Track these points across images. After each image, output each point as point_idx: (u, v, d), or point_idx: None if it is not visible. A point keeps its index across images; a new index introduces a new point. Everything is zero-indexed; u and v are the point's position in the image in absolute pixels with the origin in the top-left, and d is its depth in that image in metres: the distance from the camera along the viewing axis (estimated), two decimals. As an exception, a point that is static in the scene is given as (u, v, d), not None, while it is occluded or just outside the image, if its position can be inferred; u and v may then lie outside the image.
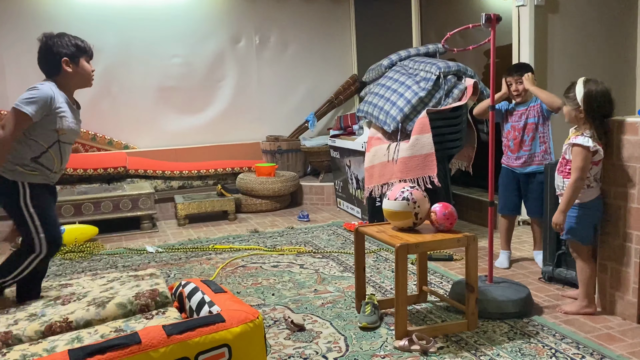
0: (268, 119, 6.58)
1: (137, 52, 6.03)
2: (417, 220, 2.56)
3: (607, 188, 2.65)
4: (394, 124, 4.10)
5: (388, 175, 4.07)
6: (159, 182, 5.53)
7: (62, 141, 2.56)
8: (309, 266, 3.66)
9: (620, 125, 2.57)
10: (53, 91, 2.49)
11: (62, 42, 2.58)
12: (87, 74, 2.64)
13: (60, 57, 2.57)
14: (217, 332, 1.72)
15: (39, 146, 2.48)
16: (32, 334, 1.87)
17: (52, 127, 2.49)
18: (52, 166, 2.55)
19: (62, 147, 2.57)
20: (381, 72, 4.64)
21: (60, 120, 2.50)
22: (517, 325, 2.58)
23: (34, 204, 2.48)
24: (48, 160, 2.52)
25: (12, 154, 2.45)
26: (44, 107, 2.44)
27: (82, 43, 2.62)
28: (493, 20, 2.74)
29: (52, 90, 2.49)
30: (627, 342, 2.40)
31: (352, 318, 2.74)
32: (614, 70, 4.44)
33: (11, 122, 2.40)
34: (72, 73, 2.59)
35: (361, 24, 6.74)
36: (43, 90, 2.46)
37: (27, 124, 2.43)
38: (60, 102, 2.51)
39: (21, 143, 2.48)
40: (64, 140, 2.57)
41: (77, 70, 2.61)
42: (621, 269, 2.61)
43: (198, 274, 3.59)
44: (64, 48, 2.57)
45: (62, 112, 2.52)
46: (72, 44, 2.58)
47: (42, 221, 2.48)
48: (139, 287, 2.23)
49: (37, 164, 2.50)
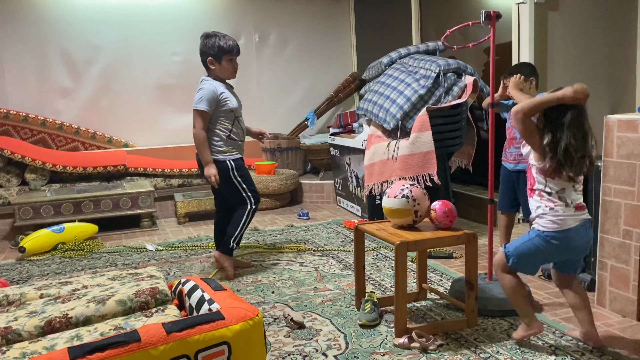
0: (268, 117, 6.58)
1: (137, 50, 6.02)
2: (416, 218, 2.56)
3: (607, 185, 2.65)
4: (393, 122, 4.09)
5: (388, 173, 4.07)
6: (159, 180, 5.53)
7: (237, 116, 3.32)
8: (309, 264, 3.66)
9: (620, 122, 2.57)
10: (213, 85, 3.22)
11: (208, 43, 3.22)
12: (227, 71, 3.27)
13: (206, 57, 3.25)
14: (216, 329, 1.71)
15: (226, 127, 3.27)
16: (31, 329, 1.87)
17: (228, 109, 3.24)
18: (240, 137, 3.35)
19: (239, 121, 3.35)
20: (381, 70, 4.63)
21: (229, 103, 3.24)
22: (516, 322, 2.58)
23: (239, 174, 3.33)
24: (236, 134, 3.32)
25: (214, 142, 3.27)
26: (213, 100, 3.18)
27: (225, 44, 3.20)
28: (493, 18, 2.74)
29: (212, 84, 3.22)
30: (627, 339, 2.40)
31: (351, 316, 2.75)
32: (614, 68, 4.44)
33: (197, 120, 3.19)
34: (217, 70, 3.25)
35: (361, 22, 6.73)
36: (206, 88, 3.20)
37: (208, 117, 3.20)
38: (222, 90, 3.24)
39: (215, 131, 3.27)
40: (238, 115, 3.33)
41: (220, 68, 3.25)
42: (621, 267, 2.61)
43: (198, 272, 3.59)
44: (209, 49, 3.22)
45: (226, 97, 3.24)
46: (216, 45, 3.20)
47: (247, 185, 3.36)
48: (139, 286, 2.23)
49: (231, 139, 3.30)
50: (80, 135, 5.82)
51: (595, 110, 4.24)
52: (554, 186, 2.14)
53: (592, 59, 4.39)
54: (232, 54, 3.25)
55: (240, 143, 3.39)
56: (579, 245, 2.20)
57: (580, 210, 2.17)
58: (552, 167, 2.11)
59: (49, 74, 5.76)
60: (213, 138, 3.28)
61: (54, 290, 2.26)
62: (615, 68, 4.44)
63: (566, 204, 2.14)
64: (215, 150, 3.29)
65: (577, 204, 2.16)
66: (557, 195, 2.14)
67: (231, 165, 3.31)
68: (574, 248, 2.20)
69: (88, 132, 5.85)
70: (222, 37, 3.24)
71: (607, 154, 2.62)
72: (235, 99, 3.33)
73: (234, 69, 3.30)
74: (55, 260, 4.04)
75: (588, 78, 4.33)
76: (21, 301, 2.18)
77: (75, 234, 4.36)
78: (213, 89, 3.20)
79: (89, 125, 5.88)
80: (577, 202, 2.16)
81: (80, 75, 5.86)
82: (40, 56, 5.70)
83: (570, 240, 2.16)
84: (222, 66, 3.26)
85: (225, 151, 3.30)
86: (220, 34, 3.27)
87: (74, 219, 4.64)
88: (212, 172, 3.25)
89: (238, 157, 3.36)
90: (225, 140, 3.30)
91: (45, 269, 3.82)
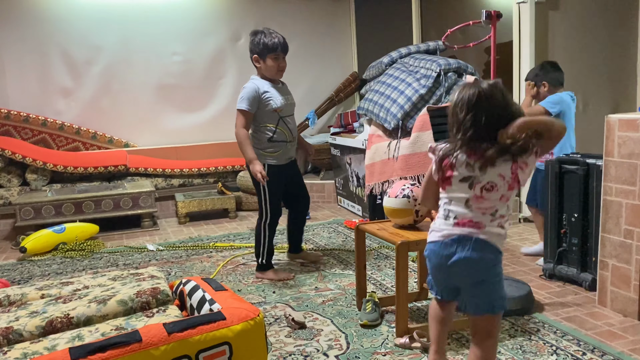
0: (268, 116, 6.57)
1: (137, 50, 6.02)
2: (417, 217, 2.56)
3: (608, 185, 2.64)
4: (394, 121, 4.09)
5: (389, 172, 4.07)
6: (160, 180, 5.53)
7: (282, 116, 3.20)
8: (310, 264, 3.66)
9: (621, 121, 2.56)
10: (256, 83, 3.15)
11: (254, 40, 3.17)
12: (272, 70, 3.18)
13: (252, 55, 3.20)
14: (217, 330, 1.71)
15: (269, 128, 3.17)
16: (33, 329, 1.87)
17: (270, 109, 3.15)
18: (285, 138, 3.23)
19: (285, 121, 3.22)
20: (381, 70, 4.63)
21: (271, 103, 3.14)
22: (518, 322, 2.58)
23: (267, 182, 3.13)
24: (280, 135, 3.21)
25: (255, 142, 3.20)
26: (254, 99, 3.11)
27: (270, 41, 3.12)
28: (493, 17, 2.74)
29: (255, 83, 3.16)
30: (628, 339, 2.40)
31: (353, 316, 2.74)
32: (615, 67, 4.43)
33: (238, 119, 3.13)
34: (262, 68, 3.19)
35: (361, 22, 6.73)
36: (248, 87, 3.15)
37: (249, 116, 3.14)
38: (265, 89, 3.15)
39: (257, 132, 3.21)
40: (283, 115, 3.21)
41: (265, 66, 3.18)
42: (622, 266, 2.61)
43: (199, 272, 3.59)
44: (254, 46, 3.16)
45: (269, 96, 3.15)
46: (261, 43, 3.13)
47: (269, 196, 3.21)
48: (140, 286, 2.23)
49: (273, 142, 3.19)
50: (81, 136, 5.82)
51: (596, 109, 4.25)
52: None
53: (592, 58, 4.39)
54: (277, 52, 3.15)
55: (286, 144, 3.25)
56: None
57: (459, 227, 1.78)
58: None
59: (50, 74, 5.76)
60: (255, 138, 3.22)
61: (55, 290, 2.26)
62: (616, 67, 4.44)
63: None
64: (255, 152, 3.18)
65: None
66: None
67: (264, 169, 3.16)
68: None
69: (89, 132, 5.85)
70: (267, 34, 3.15)
71: (608, 154, 2.62)
72: (282, 99, 3.20)
73: (278, 67, 3.19)
74: (57, 261, 4.04)
75: (589, 77, 4.32)
76: (22, 301, 2.18)
77: (76, 234, 4.36)
78: (254, 88, 3.14)
79: (89, 125, 5.88)
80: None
81: (81, 75, 5.86)
82: (41, 56, 5.70)
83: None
84: (266, 64, 3.17)
85: (263, 154, 3.20)
86: (268, 30, 3.18)
87: (75, 219, 4.64)
88: (257, 169, 3.09)
89: (274, 164, 3.22)
90: (265, 142, 3.20)
91: (47, 269, 3.83)
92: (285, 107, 3.22)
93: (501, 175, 1.70)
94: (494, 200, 1.73)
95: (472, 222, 1.74)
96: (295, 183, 3.49)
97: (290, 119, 3.28)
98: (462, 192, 1.75)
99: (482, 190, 1.72)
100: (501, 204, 1.74)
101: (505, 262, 3.53)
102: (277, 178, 3.22)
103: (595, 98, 4.33)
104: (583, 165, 2.92)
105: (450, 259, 1.76)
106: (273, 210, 3.27)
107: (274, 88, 3.20)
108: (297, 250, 3.72)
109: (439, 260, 1.81)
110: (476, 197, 1.73)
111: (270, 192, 3.22)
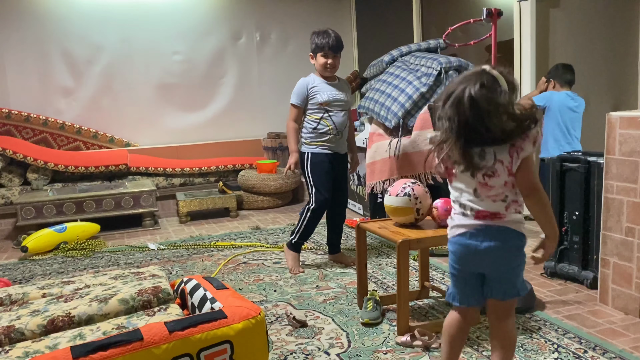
0: (269, 115, 6.58)
1: (138, 49, 6.02)
2: (418, 216, 2.56)
3: (610, 183, 2.64)
4: (395, 120, 4.09)
5: (389, 171, 4.07)
6: (161, 179, 5.54)
7: (329, 110, 3.40)
8: (311, 262, 3.66)
9: (622, 119, 2.56)
10: (307, 79, 3.44)
11: (310, 39, 3.44)
12: (320, 66, 3.40)
13: (310, 52, 3.47)
14: (219, 328, 1.71)
15: (314, 119, 3.40)
16: (34, 328, 1.87)
17: (316, 103, 3.38)
18: (328, 131, 3.40)
19: (331, 115, 3.41)
20: (382, 68, 4.62)
21: (317, 97, 3.37)
22: (519, 320, 2.58)
23: (312, 168, 3.41)
24: (324, 127, 3.39)
25: (302, 133, 3.47)
26: (302, 94, 3.40)
27: (319, 41, 3.36)
28: (494, 15, 2.74)
29: (306, 79, 3.44)
30: (629, 336, 2.40)
31: (354, 314, 2.74)
32: (616, 65, 4.42)
33: (290, 113, 3.45)
34: (315, 65, 3.44)
35: (362, 20, 6.73)
36: (299, 83, 3.45)
37: (297, 110, 3.42)
38: (315, 84, 3.41)
39: (305, 123, 3.46)
40: (330, 109, 3.40)
41: (316, 63, 3.43)
42: (623, 264, 2.61)
43: (200, 271, 3.60)
44: (310, 45, 3.44)
45: (316, 90, 3.38)
46: (313, 42, 3.40)
47: (315, 183, 3.41)
48: (141, 285, 2.23)
49: (316, 132, 3.40)
50: (82, 135, 5.83)
51: (597, 107, 4.24)
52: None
53: (593, 56, 4.38)
54: (324, 50, 3.36)
55: (330, 137, 3.41)
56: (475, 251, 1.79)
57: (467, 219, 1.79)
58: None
59: (51, 74, 5.76)
60: (303, 129, 3.47)
61: (56, 289, 2.26)
62: (617, 65, 4.43)
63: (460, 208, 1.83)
64: (302, 141, 3.48)
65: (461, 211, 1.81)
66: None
67: (308, 157, 3.43)
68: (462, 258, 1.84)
69: (90, 132, 5.85)
70: (319, 34, 3.38)
71: (609, 152, 2.62)
72: (329, 94, 3.39)
73: (324, 64, 3.38)
74: (58, 260, 4.05)
75: (590, 75, 4.32)
76: (24, 300, 2.19)
77: (77, 233, 4.36)
78: (303, 84, 3.41)
79: (90, 124, 5.88)
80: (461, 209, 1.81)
81: (82, 74, 5.86)
82: (42, 56, 5.71)
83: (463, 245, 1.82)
84: (317, 61, 3.42)
85: (308, 143, 3.44)
86: (322, 30, 3.39)
87: (76, 219, 4.65)
88: (290, 161, 3.41)
89: (318, 151, 3.42)
90: (310, 132, 3.43)
91: (48, 269, 3.83)
92: (332, 102, 3.40)
93: (500, 160, 1.69)
94: (500, 187, 1.73)
95: (490, 213, 1.75)
96: (337, 178, 3.52)
97: (338, 114, 3.43)
98: (467, 181, 1.77)
99: (484, 177, 1.72)
100: (507, 189, 1.73)
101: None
102: (320, 166, 3.41)
103: (596, 96, 4.33)
104: (584, 163, 2.92)
105: (480, 247, 1.77)
106: (317, 196, 3.41)
107: (326, 84, 3.42)
108: (333, 251, 3.70)
109: (467, 250, 1.80)
110: (481, 185, 1.74)
111: (314, 179, 3.43)
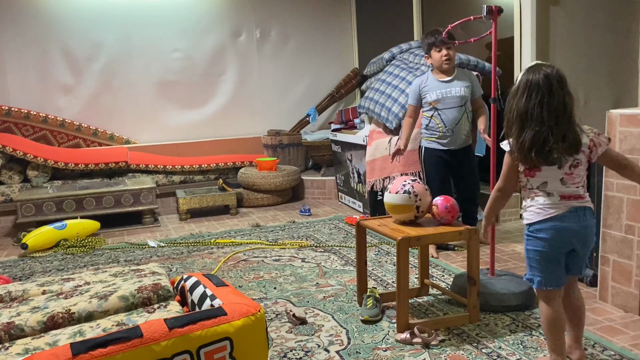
0: (269, 113, 6.57)
1: (138, 46, 6.01)
2: (418, 213, 2.56)
3: (609, 180, 2.64)
4: (396, 121, 4.09)
5: (389, 169, 4.07)
6: (161, 176, 5.54)
7: (438, 109, 3.49)
8: (311, 260, 3.66)
9: (622, 117, 2.56)
10: (421, 78, 3.55)
11: (422, 43, 3.56)
12: (436, 62, 3.45)
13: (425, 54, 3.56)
14: (218, 325, 1.71)
15: (426, 118, 3.54)
16: (34, 325, 1.88)
17: (427, 102, 3.50)
18: (438, 129, 3.51)
19: (440, 113, 3.49)
20: (382, 66, 4.62)
21: (427, 96, 3.49)
22: (519, 317, 2.58)
23: (425, 161, 3.63)
24: (434, 124, 3.52)
25: (422, 128, 3.61)
26: (415, 92, 3.54)
27: (430, 39, 3.42)
28: (494, 12, 2.73)
29: (420, 78, 3.56)
30: (629, 334, 2.40)
31: (353, 311, 2.75)
32: (616, 62, 4.42)
33: (407, 111, 3.61)
34: (431, 62, 3.50)
35: (362, 17, 6.72)
36: (414, 82, 3.60)
37: (412, 108, 3.56)
38: (427, 83, 3.50)
39: (421, 119, 3.59)
40: (439, 108, 3.48)
41: (433, 61, 3.48)
42: (623, 262, 2.61)
43: (200, 268, 3.60)
44: (423, 47, 3.56)
45: (427, 90, 3.49)
46: (425, 43, 3.49)
47: (426, 176, 3.64)
48: (141, 282, 2.23)
49: (428, 129, 3.56)
50: (82, 132, 5.82)
51: (598, 105, 4.24)
52: (534, 182, 1.98)
53: (594, 53, 4.37)
54: (435, 44, 3.40)
55: (441, 134, 3.52)
56: (572, 231, 1.93)
57: (566, 200, 1.93)
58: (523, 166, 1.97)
59: (51, 71, 5.76)
60: (422, 125, 3.62)
61: (56, 286, 2.26)
62: (618, 63, 4.42)
63: (548, 194, 1.94)
64: (420, 136, 3.66)
65: (562, 194, 1.93)
66: (538, 190, 1.98)
67: (421, 150, 3.65)
68: (566, 237, 1.93)
69: (90, 129, 5.85)
70: (429, 33, 3.46)
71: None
72: (439, 93, 3.46)
73: (440, 58, 3.41)
74: (58, 257, 4.05)
75: (590, 72, 4.31)
76: (24, 297, 2.19)
77: (77, 230, 4.37)
78: (417, 83, 3.54)
79: (90, 122, 5.88)
80: (562, 192, 1.93)
81: (82, 72, 5.86)
82: (42, 53, 5.70)
83: (557, 228, 1.92)
84: (433, 58, 3.46)
85: (424, 137, 3.62)
86: (432, 30, 3.43)
87: (76, 216, 4.65)
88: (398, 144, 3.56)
89: (431, 147, 3.57)
90: (424, 128, 3.59)
91: (48, 266, 3.83)
92: (441, 101, 3.47)
93: (582, 150, 1.90)
94: (582, 176, 1.94)
95: (576, 195, 1.94)
96: (461, 170, 3.62)
97: (448, 112, 3.48)
98: (554, 173, 1.92)
99: (570, 168, 1.91)
100: (583, 175, 1.95)
101: (506, 257, 3.54)
102: (433, 160, 3.58)
103: (597, 93, 4.32)
104: (584, 160, 2.91)
105: (579, 225, 1.93)
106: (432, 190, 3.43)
107: (438, 81, 3.48)
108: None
109: (561, 232, 1.93)
110: (567, 175, 1.92)
111: (427, 173, 3.64)
